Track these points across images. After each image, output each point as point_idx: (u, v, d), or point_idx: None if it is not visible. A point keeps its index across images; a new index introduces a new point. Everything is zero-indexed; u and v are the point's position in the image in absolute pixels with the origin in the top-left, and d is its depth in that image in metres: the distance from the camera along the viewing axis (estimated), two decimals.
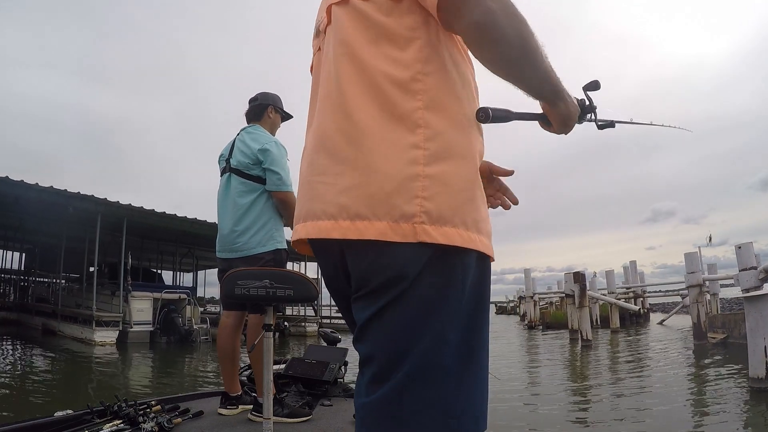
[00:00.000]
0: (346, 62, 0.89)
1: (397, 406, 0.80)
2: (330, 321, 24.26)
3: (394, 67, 0.85)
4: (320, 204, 0.87)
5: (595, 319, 19.70)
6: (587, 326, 14.04)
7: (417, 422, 0.80)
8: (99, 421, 2.29)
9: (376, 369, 0.83)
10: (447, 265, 0.82)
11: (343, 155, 0.86)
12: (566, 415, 5.97)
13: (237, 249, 2.73)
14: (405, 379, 0.80)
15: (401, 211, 0.80)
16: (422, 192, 0.80)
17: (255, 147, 2.77)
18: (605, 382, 8.16)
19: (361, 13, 0.88)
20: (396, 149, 0.82)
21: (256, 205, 2.74)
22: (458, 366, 0.83)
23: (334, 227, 0.83)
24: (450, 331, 0.82)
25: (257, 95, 3.04)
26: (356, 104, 0.86)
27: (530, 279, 24.67)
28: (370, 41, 0.87)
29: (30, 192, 12.27)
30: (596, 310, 20.33)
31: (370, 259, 0.82)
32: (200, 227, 16.45)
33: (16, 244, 21.48)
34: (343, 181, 0.85)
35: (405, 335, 0.81)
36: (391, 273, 0.80)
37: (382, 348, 0.83)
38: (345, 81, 0.88)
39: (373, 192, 0.81)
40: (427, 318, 0.81)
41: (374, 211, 0.81)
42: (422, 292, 0.80)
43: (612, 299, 19.53)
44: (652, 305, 28.52)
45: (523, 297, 26.47)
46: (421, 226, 0.79)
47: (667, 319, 24.88)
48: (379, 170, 0.81)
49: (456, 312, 0.83)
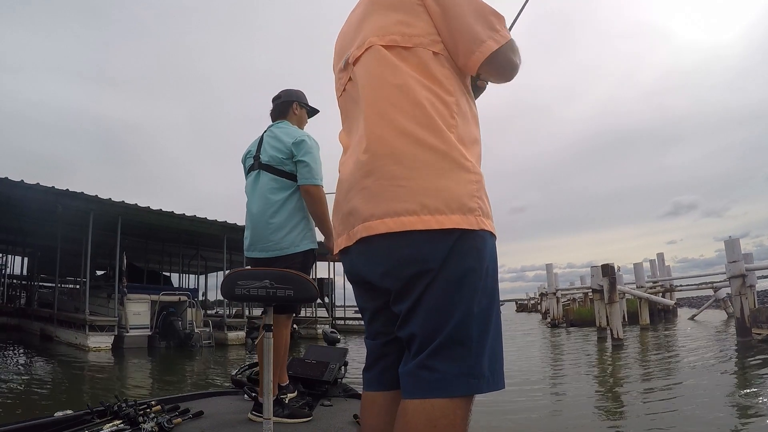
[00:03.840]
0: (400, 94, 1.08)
1: (429, 370, 0.98)
2: (344, 323, 23.40)
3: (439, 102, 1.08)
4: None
5: (623, 316, 18.50)
6: (618, 323, 12.87)
7: (445, 382, 0.96)
8: (99, 421, 2.27)
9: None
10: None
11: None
12: (599, 425, 5.12)
13: (271, 248, 2.63)
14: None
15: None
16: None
17: (288, 141, 2.70)
18: (644, 387, 7.10)
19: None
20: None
21: (289, 203, 2.66)
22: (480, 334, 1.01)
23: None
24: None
25: (280, 93, 2.97)
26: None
27: (552, 274, 23.39)
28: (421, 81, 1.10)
29: (16, 190, 11.56)
30: (623, 306, 19.13)
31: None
32: (201, 225, 15.72)
33: (18, 248, 20.96)
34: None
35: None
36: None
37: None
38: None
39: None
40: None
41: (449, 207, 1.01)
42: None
43: (644, 294, 18.27)
44: (679, 300, 27.25)
45: (544, 293, 25.29)
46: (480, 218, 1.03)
47: (699, 314, 23.78)
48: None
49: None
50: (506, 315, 44.99)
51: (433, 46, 1.09)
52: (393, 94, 1.06)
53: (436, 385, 0.96)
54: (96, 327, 12.59)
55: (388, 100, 1.07)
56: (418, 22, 1.09)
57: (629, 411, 5.65)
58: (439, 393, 0.96)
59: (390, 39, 1.10)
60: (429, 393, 0.96)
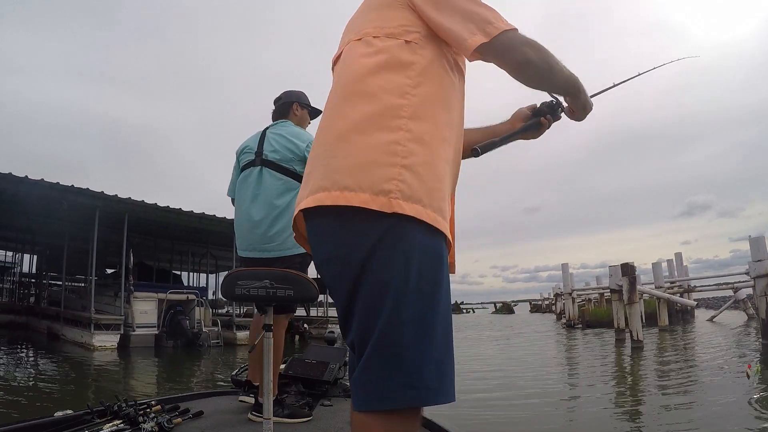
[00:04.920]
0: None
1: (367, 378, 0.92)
2: None
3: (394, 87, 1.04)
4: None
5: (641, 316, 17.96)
6: (638, 325, 12.38)
7: (381, 393, 0.89)
8: (99, 421, 2.27)
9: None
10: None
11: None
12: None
13: (271, 249, 2.64)
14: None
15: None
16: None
17: (302, 145, 2.70)
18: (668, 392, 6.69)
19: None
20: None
21: (293, 204, 2.62)
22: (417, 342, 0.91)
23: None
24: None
25: (281, 94, 3.01)
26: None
27: (568, 274, 22.84)
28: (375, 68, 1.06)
29: (21, 186, 11.36)
30: (641, 307, 18.60)
31: None
32: (210, 223, 15.46)
33: (27, 246, 20.88)
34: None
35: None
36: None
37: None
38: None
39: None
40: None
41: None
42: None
43: (664, 294, 17.70)
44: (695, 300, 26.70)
45: (559, 294, 24.76)
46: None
47: (718, 315, 23.21)
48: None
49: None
50: (520, 316, 44.74)
51: (406, 36, 1.07)
52: (347, 86, 1.06)
53: (373, 396, 0.90)
54: (101, 325, 12.34)
55: (343, 92, 1.07)
56: (396, 17, 1.08)
57: (653, 422, 5.24)
58: (375, 404, 0.90)
59: (363, 33, 1.10)
60: (366, 405, 0.91)
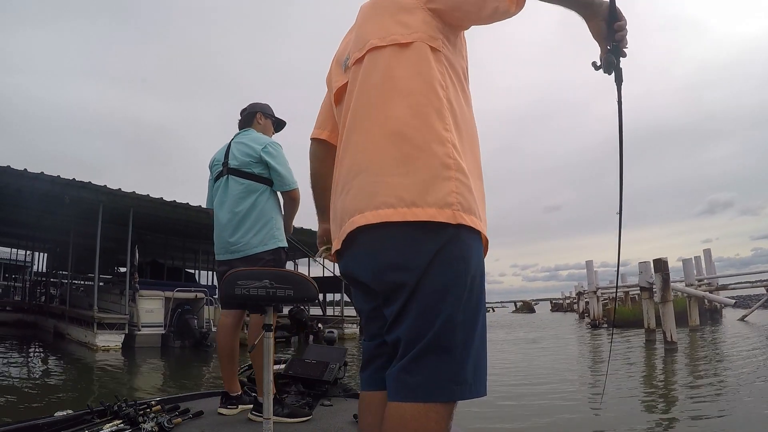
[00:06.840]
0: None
1: (410, 374, 0.98)
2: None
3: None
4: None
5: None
6: (672, 325, 11.53)
7: (426, 386, 0.96)
8: (99, 421, 2.27)
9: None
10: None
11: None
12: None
13: (236, 250, 2.76)
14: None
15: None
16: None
17: (257, 147, 2.84)
18: (716, 399, 5.90)
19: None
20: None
21: (256, 206, 2.78)
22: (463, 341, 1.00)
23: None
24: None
25: (247, 106, 3.13)
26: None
27: (593, 272, 21.92)
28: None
29: (21, 180, 10.92)
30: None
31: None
32: None
33: (38, 244, 20.63)
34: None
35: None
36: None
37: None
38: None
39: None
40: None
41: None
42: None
43: (699, 292, 16.74)
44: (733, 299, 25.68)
45: (582, 292, 23.85)
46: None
47: (749, 314, 22.16)
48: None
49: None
50: (541, 315, 43.65)
51: (432, 42, 1.10)
52: (385, 94, 1.08)
53: (416, 390, 0.97)
54: (105, 324, 11.84)
55: (380, 100, 1.08)
56: (416, 19, 1.10)
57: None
58: (418, 397, 0.96)
59: (391, 39, 1.11)
60: (408, 397, 0.97)
